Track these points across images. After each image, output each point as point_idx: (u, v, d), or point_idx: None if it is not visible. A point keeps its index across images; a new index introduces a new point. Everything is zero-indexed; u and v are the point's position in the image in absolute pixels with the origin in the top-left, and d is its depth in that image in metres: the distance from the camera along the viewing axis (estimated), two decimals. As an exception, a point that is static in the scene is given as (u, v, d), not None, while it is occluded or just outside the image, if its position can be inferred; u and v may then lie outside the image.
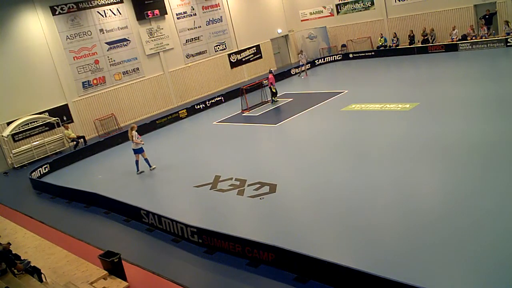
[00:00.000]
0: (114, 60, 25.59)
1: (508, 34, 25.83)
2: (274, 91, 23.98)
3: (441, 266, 8.28)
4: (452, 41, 27.74)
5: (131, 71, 26.30)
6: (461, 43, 27.30)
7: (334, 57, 32.77)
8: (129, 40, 26.18)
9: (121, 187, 15.74)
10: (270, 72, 24.57)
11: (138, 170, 16.72)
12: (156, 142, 20.83)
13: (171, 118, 24.41)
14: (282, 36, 35.15)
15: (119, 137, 22.28)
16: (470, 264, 8.26)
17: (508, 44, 25.57)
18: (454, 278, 7.93)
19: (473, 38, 27.11)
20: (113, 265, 9.75)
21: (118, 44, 25.76)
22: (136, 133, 16.33)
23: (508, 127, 14.08)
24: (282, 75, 30.50)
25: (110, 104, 25.27)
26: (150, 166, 16.72)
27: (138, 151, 16.50)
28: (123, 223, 12.94)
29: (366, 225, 10.23)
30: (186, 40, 29.01)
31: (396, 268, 8.37)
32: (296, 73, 30.33)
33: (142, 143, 16.49)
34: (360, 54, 32.09)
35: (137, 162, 16.70)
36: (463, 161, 12.49)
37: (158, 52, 27.44)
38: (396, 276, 7.52)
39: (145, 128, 23.15)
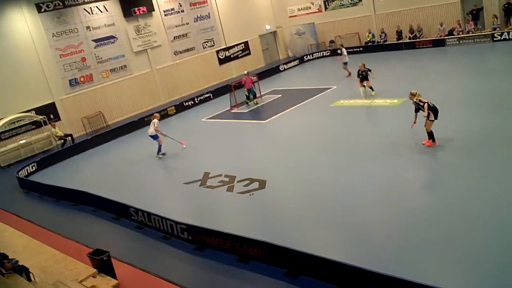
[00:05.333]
0: (101, 58, 25.38)
1: (494, 29, 26.09)
2: (247, 94, 23.48)
3: (433, 261, 8.35)
4: (440, 36, 27.95)
5: (118, 68, 26.11)
6: (448, 39, 27.50)
7: (323, 53, 32.84)
8: (116, 37, 25.99)
9: (110, 185, 15.63)
10: (246, 74, 23.82)
11: (159, 152, 17.49)
12: (145, 140, 20.68)
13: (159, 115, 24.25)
14: (271, 33, 35.14)
15: (107, 135, 22.14)
16: (463, 260, 8.33)
17: (494, 39, 25.82)
18: (443, 273, 7.99)
19: (460, 33, 27.33)
20: (102, 263, 9.68)
21: (105, 41, 25.56)
22: (157, 121, 17.23)
23: (496, 121, 14.22)
24: (271, 71, 30.51)
25: (98, 102, 25.08)
26: (158, 153, 17.44)
27: (154, 137, 17.21)
28: (112, 221, 12.85)
29: (356, 221, 10.26)
30: (174, 37, 28.86)
31: (386, 262, 8.40)
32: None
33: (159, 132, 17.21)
34: (348, 50, 32.10)
35: (159, 146, 17.44)
36: (451, 155, 12.59)
37: (146, 49, 27.29)
38: (386, 270, 7.56)
39: (133, 125, 23.06)
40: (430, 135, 13.15)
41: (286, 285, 8.57)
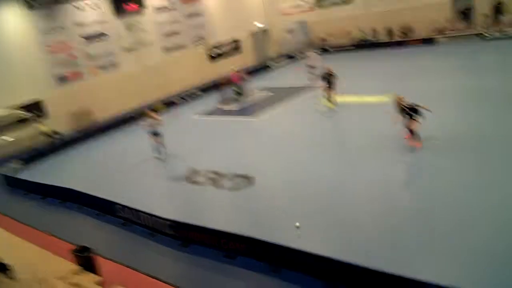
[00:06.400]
0: (91, 54, 25.13)
1: (484, 28, 26.22)
2: (237, 90, 23.35)
3: (419, 255, 8.35)
4: (430, 35, 28.03)
5: (108, 65, 25.87)
6: (438, 37, 27.58)
7: (317, 51, 32.73)
8: (106, 35, 25.74)
9: (97, 182, 15.46)
10: (234, 70, 23.71)
11: (158, 153, 16.60)
12: (134, 137, 20.56)
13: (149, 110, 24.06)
14: (262, 30, 35.00)
15: (95, 132, 21.97)
16: (450, 254, 8.32)
17: (484, 37, 25.93)
18: (429, 266, 7.97)
19: (451, 32, 27.43)
20: (86, 260, 9.56)
21: (95, 38, 25.30)
22: (150, 120, 16.53)
23: (485, 117, 14.28)
24: (262, 69, 30.44)
25: (87, 98, 24.77)
26: (157, 153, 16.61)
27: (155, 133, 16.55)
28: (97, 218, 12.72)
29: (342, 217, 10.24)
30: (165, 34, 28.65)
31: (371, 257, 8.35)
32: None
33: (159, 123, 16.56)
34: (339, 48, 32.17)
35: (155, 146, 16.60)
36: (441, 152, 12.58)
37: (136, 46, 27.05)
38: (371, 264, 7.54)
39: (122, 122, 22.91)
40: (416, 135, 13.03)
41: (272, 279, 8.53)
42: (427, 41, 28.00)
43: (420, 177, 11.78)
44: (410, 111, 12.79)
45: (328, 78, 18.31)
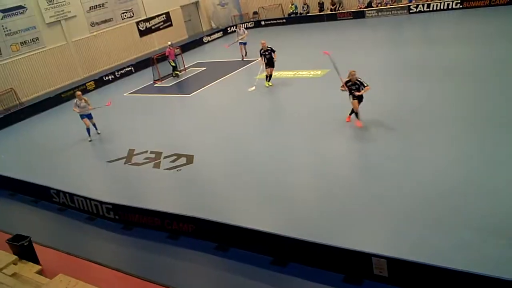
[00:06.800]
0: (9, 30, 23.47)
1: (410, 1, 27.42)
2: (174, 65, 23.07)
3: (358, 226, 8.76)
4: (359, 8, 28.87)
5: (30, 41, 24.33)
6: (367, 11, 28.45)
7: (246, 25, 32.63)
8: (25, 8, 24.07)
9: (27, 166, 14.75)
10: (169, 45, 23.22)
11: (89, 136, 16.00)
12: (63, 117, 19.69)
13: (77, 90, 23.06)
14: (193, 3, 34.20)
15: (21, 113, 20.80)
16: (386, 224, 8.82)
17: (411, 11, 27.16)
18: (366, 235, 8.43)
19: (379, 5, 28.40)
20: (23, 249, 9.18)
21: (13, 12, 23.59)
22: (77, 100, 15.67)
23: (414, 88, 15.08)
24: (194, 43, 29.98)
25: (8, 78, 23.26)
26: (97, 129, 16.32)
27: (89, 117, 15.88)
28: (31, 205, 12.21)
29: (283, 192, 10.47)
30: (90, 7, 27.26)
31: (314, 230, 8.69)
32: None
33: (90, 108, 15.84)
34: (271, 22, 32.28)
35: (88, 129, 15.89)
36: (370, 125, 13.14)
37: (59, 20, 25.57)
38: (314, 238, 7.83)
39: (49, 102, 21.80)
40: (356, 114, 13.25)
41: (217, 258, 8.66)
42: (357, 14, 28.83)
43: (356, 150, 12.27)
44: (352, 88, 12.78)
45: (265, 55, 18.19)
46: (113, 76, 25.02)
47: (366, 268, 7.22)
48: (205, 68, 23.85)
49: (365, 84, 12.72)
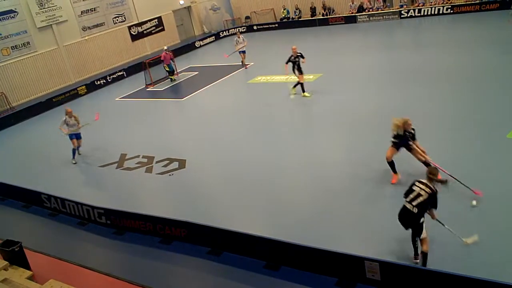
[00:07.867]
0: (0, 34, 23.35)
1: (401, 6, 27.64)
2: (168, 69, 22.94)
3: (351, 230, 8.77)
4: (351, 13, 29.06)
5: (21, 45, 24.20)
6: (359, 15, 28.64)
7: (239, 29, 32.72)
8: (16, 12, 23.97)
9: (18, 172, 14.64)
10: (165, 50, 23.08)
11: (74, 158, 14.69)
12: (55, 122, 19.52)
13: (69, 95, 23.02)
14: (185, 8, 34.25)
15: (12, 118, 20.66)
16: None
17: (402, 16, 27.37)
18: (358, 240, 8.45)
19: (370, 10, 28.59)
20: (14, 254, 9.09)
21: (4, 16, 23.48)
22: (66, 117, 14.21)
23: (404, 93, 15.15)
24: (187, 47, 29.97)
25: (-2, 82, 23.17)
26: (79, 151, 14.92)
27: (78, 136, 14.58)
28: (22, 210, 12.09)
29: (276, 196, 10.50)
30: (81, 12, 27.20)
31: (307, 234, 8.70)
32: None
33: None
34: (264, 26, 32.39)
35: (74, 150, 14.63)
36: (362, 127, 13.20)
37: (51, 25, 25.48)
38: (307, 242, 7.84)
39: (41, 107, 21.68)
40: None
41: (210, 263, 8.63)
42: (349, 19, 29.00)
43: (351, 151, 12.30)
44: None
45: (295, 61, 16.28)
46: (104, 81, 24.92)
47: (358, 272, 7.23)
48: (197, 72, 23.85)
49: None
